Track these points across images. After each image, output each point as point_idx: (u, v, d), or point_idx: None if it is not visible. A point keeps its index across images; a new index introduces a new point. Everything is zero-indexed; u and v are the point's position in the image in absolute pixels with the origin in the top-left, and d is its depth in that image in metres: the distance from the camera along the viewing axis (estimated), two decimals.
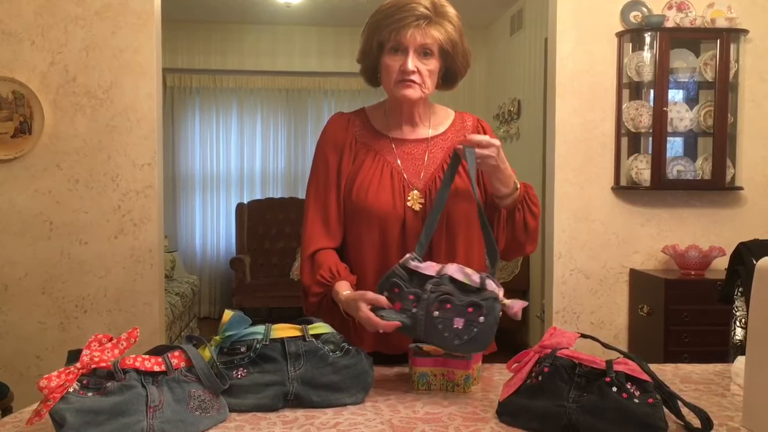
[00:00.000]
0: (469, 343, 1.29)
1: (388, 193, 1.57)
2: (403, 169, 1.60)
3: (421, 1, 1.53)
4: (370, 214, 1.56)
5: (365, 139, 1.64)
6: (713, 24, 3.36)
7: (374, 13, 1.59)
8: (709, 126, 3.37)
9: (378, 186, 1.57)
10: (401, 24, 1.52)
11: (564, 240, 3.43)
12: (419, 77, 1.55)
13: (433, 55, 1.55)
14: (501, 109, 5.90)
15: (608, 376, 1.10)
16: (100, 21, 3.12)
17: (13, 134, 3.09)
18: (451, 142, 1.64)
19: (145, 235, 3.17)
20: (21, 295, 3.14)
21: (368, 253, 1.58)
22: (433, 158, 1.62)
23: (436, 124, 1.67)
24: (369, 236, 1.57)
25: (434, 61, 1.56)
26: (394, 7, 1.54)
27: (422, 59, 1.54)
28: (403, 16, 1.52)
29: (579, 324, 3.43)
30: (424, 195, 1.58)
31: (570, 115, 3.42)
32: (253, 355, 1.23)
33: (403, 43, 1.53)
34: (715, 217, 3.48)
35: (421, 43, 1.52)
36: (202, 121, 6.76)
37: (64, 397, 1.04)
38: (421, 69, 1.54)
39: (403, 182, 1.58)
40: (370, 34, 1.59)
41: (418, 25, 1.51)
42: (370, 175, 1.58)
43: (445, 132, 1.66)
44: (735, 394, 1.34)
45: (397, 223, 1.56)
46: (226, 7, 5.82)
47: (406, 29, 1.52)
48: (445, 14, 1.56)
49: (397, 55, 1.55)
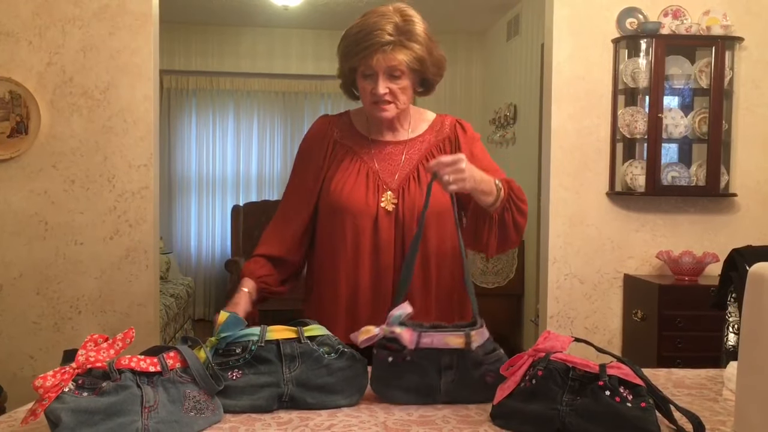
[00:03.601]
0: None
1: (362, 192, 1.63)
2: (379, 170, 1.66)
3: (385, 27, 1.56)
4: (344, 211, 1.62)
5: (346, 140, 1.71)
6: (708, 31, 3.38)
7: (342, 38, 1.64)
8: (703, 132, 3.39)
9: (353, 185, 1.64)
10: (367, 52, 1.57)
11: (559, 245, 3.44)
12: (391, 96, 1.61)
13: (403, 74, 1.60)
14: (497, 113, 5.92)
15: (601, 379, 1.11)
16: (98, 22, 3.12)
17: (9, 134, 3.09)
18: (428, 144, 1.70)
19: (141, 236, 3.17)
20: (15, 296, 3.13)
21: (341, 251, 1.63)
22: (410, 159, 1.68)
23: (414, 127, 1.73)
24: (342, 233, 1.63)
25: (404, 79, 1.61)
26: (360, 33, 1.58)
27: (392, 80, 1.60)
28: (368, 45, 1.56)
29: (573, 329, 3.44)
30: (397, 195, 1.63)
31: (565, 120, 3.43)
32: (248, 357, 1.24)
33: (372, 68, 1.58)
34: (709, 223, 3.50)
35: (389, 66, 1.58)
36: (199, 122, 6.76)
37: (59, 396, 1.04)
38: (393, 89, 1.60)
39: (378, 182, 1.64)
40: (342, 59, 1.65)
41: (384, 51, 1.56)
42: (347, 175, 1.65)
43: (423, 134, 1.73)
44: (727, 399, 1.35)
45: (370, 221, 1.62)
46: (224, 9, 5.83)
47: (372, 56, 1.57)
48: (410, 33, 1.59)
49: (368, 79, 1.61)
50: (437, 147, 1.71)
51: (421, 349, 1.28)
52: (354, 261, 1.62)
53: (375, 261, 1.62)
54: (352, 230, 1.62)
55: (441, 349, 1.28)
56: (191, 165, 6.76)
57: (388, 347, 1.30)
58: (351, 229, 1.62)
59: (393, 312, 1.31)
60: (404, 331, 1.29)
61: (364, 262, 1.62)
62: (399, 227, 1.62)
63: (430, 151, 1.70)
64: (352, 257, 1.62)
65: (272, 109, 6.83)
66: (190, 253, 6.79)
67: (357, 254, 1.62)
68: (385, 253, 1.62)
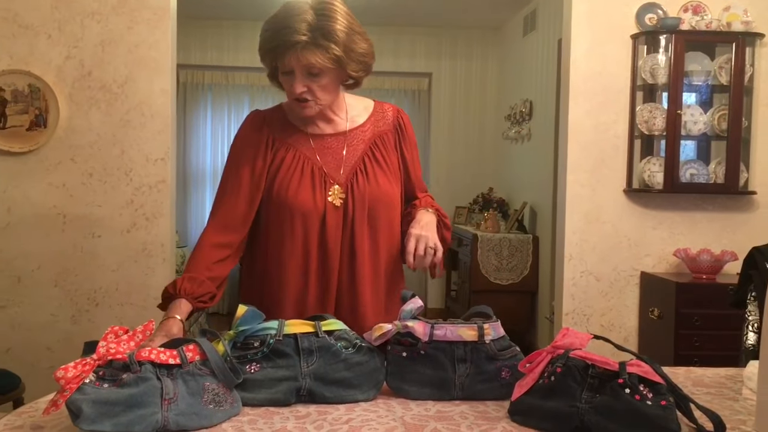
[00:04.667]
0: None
1: (308, 188, 1.57)
2: (323, 164, 1.60)
3: (297, 25, 1.47)
4: (292, 210, 1.56)
5: (283, 136, 1.62)
6: (729, 27, 3.34)
7: (261, 32, 1.55)
8: (722, 130, 3.36)
9: (299, 182, 1.57)
10: (279, 50, 1.50)
11: (575, 242, 3.42)
12: (311, 94, 1.53)
13: (321, 72, 1.51)
14: (513, 110, 5.89)
15: (621, 377, 1.10)
16: (117, 16, 3.14)
17: (28, 127, 3.11)
18: (371, 134, 1.64)
19: (158, 229, 3.19)
20: (33, 288, 3.16)
21: (289, 250, 1.57)
22: (353, 151, 1.62)
23: (353, 117, 1.66)
24: (291, 233, 1.56)
25: (324, 77, 1.52)
26: (272, 30, 1.51)
27: (311, 79, 1.52)
28: (279, 44, 1.49)
29: (589, 326, 3.42)
30: (345, 189, 1.58)
31: (583, 116, 3.41)
32: (267, 350, 1.24)
33: (289, 66, 1.51)
34: (728, 221, 3.47)
35: (305, 65, 1.49)
36: (214, 117, 6.78)
37: (80, 387, 1.05)
38: (312, 87, 1.52)
39: (324, 177, 1.58)
40: (261, 54, 1.57)
41: (295, 50, 1.47)
42: (291, 172, 1.58)
43: (364, 124, 1.66)
44: (747, 399, 1.34)
45: (317, 218, 1.56)
46: (240, 4, 5.84)
47: (284, 55, 1.49)
48: (325, 31, 1.48)
49: (287, 76, 1.54)
50: (380, 138, 1.65)
51: (434, 341, 1.28)
52: (303, 259, 1.57)
53: (323, 258, 1.57)
54: (301, 229, 1.56)
55: (454, 341, 1.28)
56: (206, 159, 6.78)
57: (402, 342, 1.30)
58: (300, 228, 1.56)
59: (405, 307, 1.31)
60: (417, 324, 1.29)
61: (312, 259, 1.57)
62: (348, 222, 1.58)
63: (373, 141, 1.64)
64: (301, 255, 1.57)
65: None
66: None
67: (306, 252, 1.57)
68: (332, 250, 1.57)
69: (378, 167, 1.62)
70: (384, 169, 1.62)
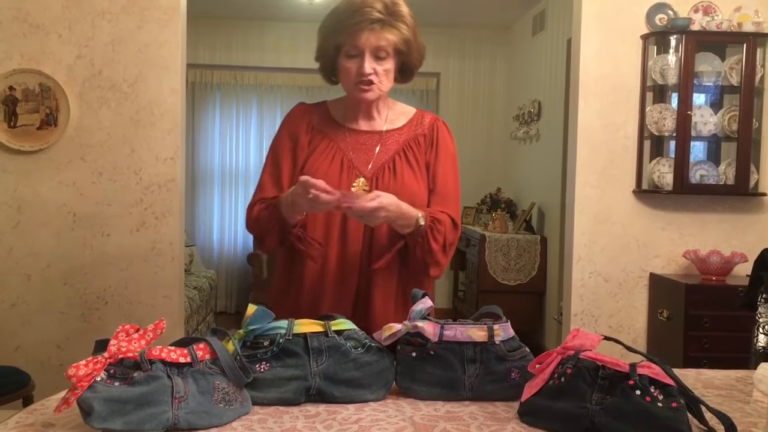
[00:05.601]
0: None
1: (335, 176, 1.63)
2: (353, 158, 1.66)
3: (375, 4, 1.57)
4: None
5: (322, 127, 1.71)
6: (740, 28, 3.33)
7: (328, 15, 1.63)
8: (733, 131, 3.34)
9: (327, 168, 1.64)
10: (356, 28, 1.57)
11: (584, 243, 3.42)
12: (376, 77, 1.60)
13: (388, 55, 1.61)
14: (521, 110, 5.88)
15: (632, 379, 1.09)
16: (127, 16, 3.15)
17: (39, 126, 3.13)
18: (407, 137, 1.70)
19: (167, 228, 3.20)
20: (43, 286, 3.18)
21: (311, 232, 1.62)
22: (385, 150, 1.68)
23: (392, 119, 1.73)
24: (313, 216, 1.62)
25: (389, 61, 1.62)
26: (348, 11, 1.58)
27: (378, 61, 1.60)
28: (357, 21, 1.56)
29: (597, 327, 3.41)
30: (370, 183, 1.64)
31: (592, 117, 3.40)
32: (276, 350, 1.24)
33: (359, 47, 1.58)
34: (738, 222, 3.45)
35: (376, 46, 1.58)
36: (222, 116, 6.79)
37: (91, 385, 1.05)
38: (378, 70, 1.60)
39: (352, 169, 1.65)
40: (326, 38, 1.64)
41: (372, 29, 1.56)
42: (321, 159, 1.66)
43: (401, 127, 1.72)
44: (758, 401, 1.33)
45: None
46: (249, 3, 5.85)
47: (361, 33, 1.57)
48: (398, 14, 1.59)
49: (353, 59, 1.60)
50: (415, 140, 1.70)
51: (444, 341, 1.28)
52: (324, 244, 1.61)
53: (343, 247, 1.62)
54: (323, 214, 1.61)
55: (464, 342, 1.28)
56: (215, 158, 6.79)
57: (412, 342, 1.30)
58: (322, 213, 1.60)
59: (414, 307, 1.32)
60: (427, 324, 1.29)
61: (332, 248, 1.61)
62: None
63: (407, 143, 1.69)
64: (322, 241, 1.61)
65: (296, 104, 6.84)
66: (213, 246, 6.84)
67: (327, 237, 1.62)
68: (353, 240, 1.61)
69: (407, 166, 1.66)
70: (414, 169, 1.66)
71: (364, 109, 1.70)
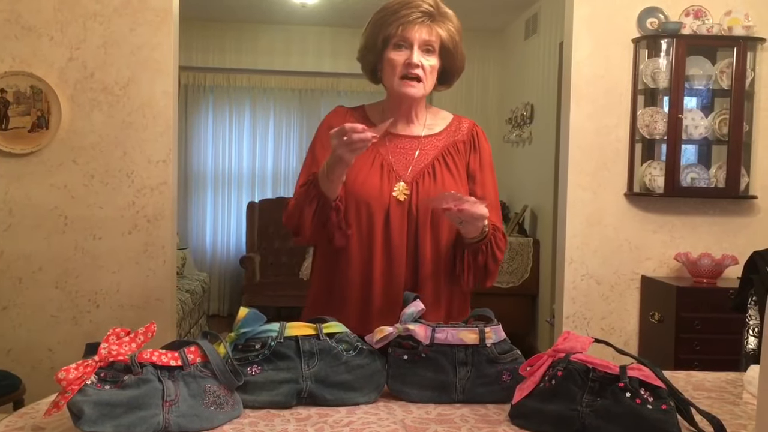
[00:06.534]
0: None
1: (376, 180, 1.64)
2: (393, 162, 1.67)
3: (424, 0, 1.61)
4: (358, 198, 1.63)
5: None
6: (730, 32, 3.35)
7: (379, 10, 1.67)
8: (723, 134, 3.36)
9: (367, 173, 1.65)
10: (407, 20, 1.60)
11: (576, 245, 3.43)
12: (422, 72, 1.62)
13: (434, 52, 1.64)
14: (514, 112, 5.90)
15: (622, 381, 1.10)
16: (119, 18, 3.14)
17: (30, 129, 3.12)
18: (445, 142, 1.71)
19: (159, 231, 3.19)
20: (34, 289, 3.17)
21: (354, 238, 1.63)
22: (424, 155, 1.69)
23: (431, 125, 1.74)
24: (355, 220, 1.63)
25: (436, 58, 1.65)
26: (400, 4, 1.62)
27: (425, 55, 1.63)
28: (409, 12, 1.60)
29: (589, 329, 3.42)
30: (410, 187, 1.64)
31: (584, 120, 3.41)
32: (268, 353, 1.24)
33: (409, 39, 1.61)
34: (729, 225, 3.47)
35: (426, 39, 1.62)
36: (215, 119, 6.79)
37: (81, 389, 1.05)
38: (424, 64, 1.63)
39: (392, 173, 1.65)
40: (375, 30, 1.66)
41: (423, 21, 1.61)
42: (361, 164, 1.64)
43: (440, 133, 1.73)
44: (747, 403, 1.34)
45: (382, 210, 1.62)
46: (242, 6, 5.85)
47: (412, 25, 1.60)
48: (446, 14, 1.65)
49: (401, 51, 1.63)
50: (454, 146, 1.72)
51: (435, 344, 1.29)
52: (368, 249, 1.62)
53: (387, 250, 1.63)
54: (366, 217, 1.62)
55: (456, 345, 1.29)
56: (207, 161, 6.78)
57: (404, 345, 1.30)
58: (365, 217, 1.62)
59: (406, 310, 1.32)
60: (418, 327, 1.29)
61: (377, 251, 1.62)
62: (411, 218, 1.63)
63: (446, 149, 1.71)
64: (366, 245, 1.62)
65: (289, 107, 6.85)
66: (206, 249, 6.82)
67: (370, 242, 1.62)
68: (397, 243, 1.62)
69: (447, 171, 1.67)
70: (453, 173, 1.68)
71: (404, 111, 1.70)
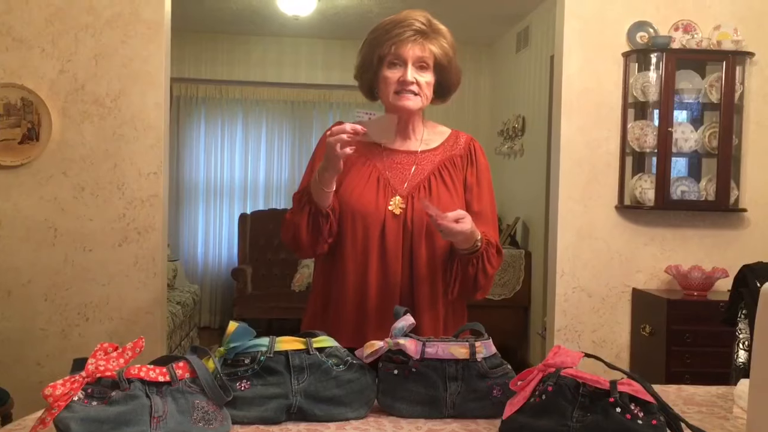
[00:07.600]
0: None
1: (372, 194, 1.66)
2: (389, 177, 1.69)
3: (418, 18, 1.65)
4: (354, 211, 1.65)
5: (359, 146, 1.69)
6: (719, 46, 3.38)
7: (373, 29, 1.70)
8: (713, 147, 3.38)
9: (363, 187, 1.67)
10: (400, 39, 1.63)
11: (567, 258, 3.43)
12: (417, 87, 1.65)
13: (429, 68, 1.67)
14: (505, 125, 5.92)
15: (612, 396, 1.10)
16: (110, 30, 3.14)
17: (20, 141, 3.11)
18: (442, 157, 1.73)
19: (149, 243, 3.18)
20: (23, 301, 3.14)
21: (350, 251, 1.66)
22: (421, 170, 1.71)
23: (428, 140, 1.76)
24: (351, 234, 1.65)
25: (430, 73, 1.67)
26: (393, 23, 1.66)
27: (419, 72, 1.66)
28: (402, 31, 1.63)
29: (580, 342, 3.42)
30: (405, 201, 1.66)
31: (575, 133, 3.43)
32: (257, 368, 1.23)
33: (402, 57, 1.64)
34: (719, 238, 3.49)
35: (419, 56, 1.64)
36: (207, 130, 6.78)
37: (68, 405, 1.04)
38: (419, 80, 1.66)
39: (388, 187, 1.68)
40: (370, 49, 1.69)
41: (415, 39, 1.64)
42: (358, 177, 1.68)
43: (437, 148, 1.75)
44: (738, 417, 1.34)
45: (378, 223, 1.65)
46: (234, 18, 5.86)
47: (405, 43, 1.63)
48: (439, 31, 1.68)
49: (395, 69, 1.66)
50: (450, 161, 1.73)
51: (426, 359, 1.28)
52: (363, 262, 1.64)
53: (383, 263, 1.64)
54: (362, 231, 1.64)
55: (446, 359, 1.28)
56: (199, 173, 6.77)
57: (394, 360, 1.30)
58: (361, 230, 1.64)
59: (396, 324, 1.32)
60: (408, 341, 1.29)
61: (372, 264, 1.64)
62: (407, 232, 1.65)
63: (443, 163, 1.72)
64: (361, 259, 1.65)
65: (281, 118, 6.85)
66: (197, 261, 6.80)
67: (366, 255, 1.64)
68: (392, 257, 1.64)
69: (443, 186, 1.69)
70: (449, 188, 1.69)
71: (401, 126, 1.72)
